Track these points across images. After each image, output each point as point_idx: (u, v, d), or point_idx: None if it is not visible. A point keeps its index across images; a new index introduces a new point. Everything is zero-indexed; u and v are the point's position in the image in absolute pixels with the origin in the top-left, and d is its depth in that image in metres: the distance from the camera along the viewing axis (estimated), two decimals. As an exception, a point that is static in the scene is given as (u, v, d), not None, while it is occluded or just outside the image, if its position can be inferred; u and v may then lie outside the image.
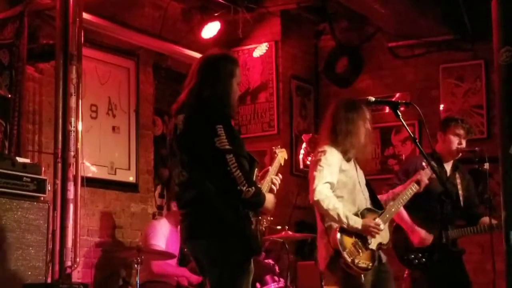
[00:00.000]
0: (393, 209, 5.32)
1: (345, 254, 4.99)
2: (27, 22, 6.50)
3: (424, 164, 5.54)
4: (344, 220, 4.99)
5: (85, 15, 6.42)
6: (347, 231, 5.04)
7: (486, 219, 5.91)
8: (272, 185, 4.50)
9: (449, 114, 8.10)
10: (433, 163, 5.39)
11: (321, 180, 4.98)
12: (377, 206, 5.30)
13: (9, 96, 6.37)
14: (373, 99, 4.56)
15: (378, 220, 5.15)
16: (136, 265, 6.15)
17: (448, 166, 6.06)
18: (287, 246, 6.85)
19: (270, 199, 4.22)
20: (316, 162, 5.05)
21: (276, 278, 6.83)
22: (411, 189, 5.44)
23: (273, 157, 4.68)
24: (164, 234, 6.88)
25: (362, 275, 5.06)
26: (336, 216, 4.99)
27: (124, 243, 7.58)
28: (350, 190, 5.14)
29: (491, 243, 5.69)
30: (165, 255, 6.62)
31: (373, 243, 5.14)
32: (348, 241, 5.05)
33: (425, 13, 8.07)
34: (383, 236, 5.21)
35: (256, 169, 4.26)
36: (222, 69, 4.24)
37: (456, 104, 8.48)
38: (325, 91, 9.24)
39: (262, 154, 8.60)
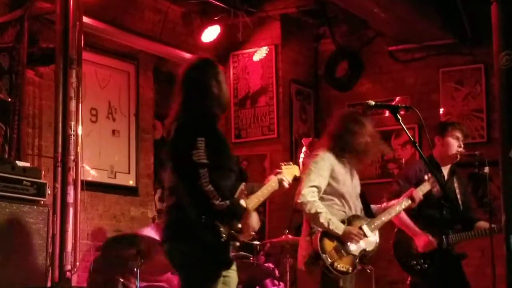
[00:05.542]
0: (383, 218, 5.40)
1: (324, 257, 5.08)
2: (27, 26, 6.51)
3: (426, 177, 5.60)
4: (325, 224, 5.13)
5: (85, 19, 6.42)
6: (330, 235, 5.13)
7: (482, 224, 5.92)
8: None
9: (446, 119, 8.14)
10: (434, 173, 5.40)
11: (308, 183, 5.14)
12: (369, 215, 5.42)
13: (9, 100, 6.37)
14: (373, 103, 4.57)
15: (364, 227, 5.26)
16: (135, 269, 6.14)
17: (445, 171, 6.06)
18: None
19: (253, 218, 4.23)
20: (307, 165, 5.19)
21: (276, 282, 6.83)
22: (403, 204, 5.51)
23: (276, 172, 4.59)
24: None
25: (341, 280, 5.15)
26: (317, 220, 5.13)
27: (124, 247, 7.56)
28: (341, 196, 5.26)
29: (491, 247, 5.69)
30: None
31: (355, 249, 5.21)
32: (329, 244, 5.18)
33: (425, 17, 8.08)
34: (368, 243, 5.28)
35: (244, 183, 4.29)
36: (203, 77, 4.29)
37: (456, 108, 8.48)
38: (325, 95, 9.24)
39: (262, 158, 8.62)
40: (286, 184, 4.56)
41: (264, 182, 4.53)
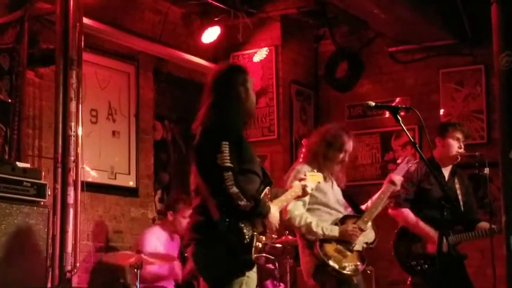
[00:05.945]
0: (373, 209, 5.45)
1: (331, 263, 5.12)
2: (27, 27, 6.51)
3: (398, 160, 5.67)
4: (320, 232, 5.21)
5: (85, 20, 6.43)
6: (327, 240, 5.16)
7: (483, 224, 5.93)
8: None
9: (447, 120, 8.14)
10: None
11: None
12: (358, 212, 5.51)
13: (9, 100, 6.38)
14: (373, 103, 4.57)
15: (358, 222, 5.33)
16: (136, 270, 6.14)
17: (446, 171, 6.06)
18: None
19: (274, 214, 4.32)
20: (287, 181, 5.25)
21: (276, 283, 6.83)
22: (387, 191, 5.55)
23: (300, 178, 4.73)
24: (154, 244, 6.81)
25: (354, 277, 5.19)
26: (310, 230, 5.22)
27: (124, 248, 7.57)
28: (325, 205, 5.35)
29: (491, 248, 5.69)
30: (164, 258, 6.60)
31: (358, 245, 5.26)
32: (331, 248, 5.23)
33: (425, 18, 8.08)
34: (367, 236, 5.39)
35: (268, 187, 4.36)
36: (231, 83, 4.38)
37: (456, 109, 8.48)
38: (325, 96, 9.24)
39: (262, 159, 8.60)
40: (309, 190, 4.71)
41: (287, 187, 4.69)
